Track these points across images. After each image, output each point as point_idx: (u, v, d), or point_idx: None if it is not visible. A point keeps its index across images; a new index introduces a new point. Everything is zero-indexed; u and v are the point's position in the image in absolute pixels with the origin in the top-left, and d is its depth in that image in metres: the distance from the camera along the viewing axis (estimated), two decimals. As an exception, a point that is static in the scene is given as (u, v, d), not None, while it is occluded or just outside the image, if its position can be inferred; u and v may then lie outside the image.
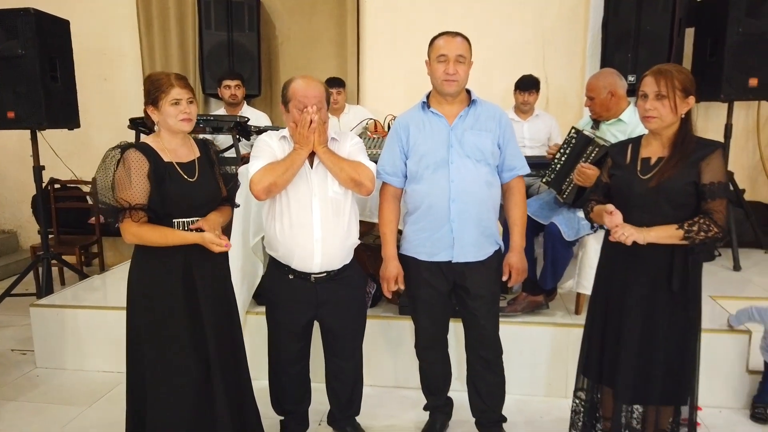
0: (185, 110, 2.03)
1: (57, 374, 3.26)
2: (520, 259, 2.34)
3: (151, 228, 1.98)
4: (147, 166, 1.97)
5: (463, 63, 2.19)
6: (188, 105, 2.04)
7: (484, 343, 2.38)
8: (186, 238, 2.02)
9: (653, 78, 1.97)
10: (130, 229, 1.96)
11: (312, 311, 2.32)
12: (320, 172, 2.22)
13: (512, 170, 2.32)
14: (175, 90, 2.01)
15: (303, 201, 2.21)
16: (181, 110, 2.02)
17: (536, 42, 4.82)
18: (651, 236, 1.92)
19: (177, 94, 2.01)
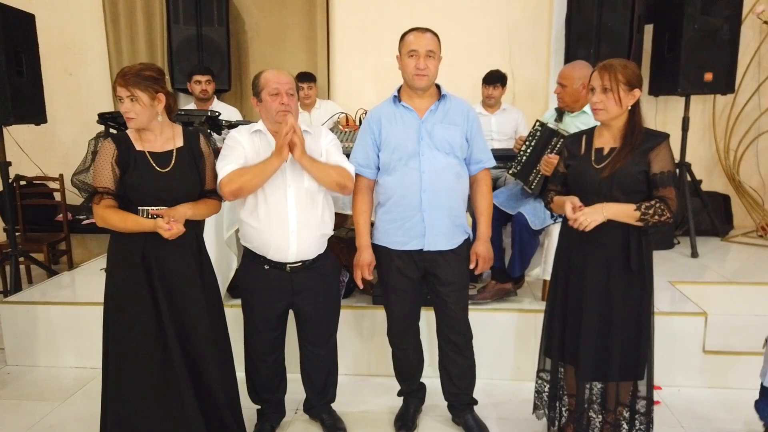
0: (124, 109, 2.07)
1: (29, 371, 3.24)
2: (487, 247, 2.43)
3: (115, 212, 2.07)
4: (114, 154, 2.07)
5: (433, 58, 2.27)
6: (129, 103, 2.05)
7: (455, 328, 2.46)
8: (141, 224, 2.07)
9: (599, 73, 2.09)
10: (96, 211, 2.07)
11: (287, 300, 2.37)
12: (295, 162, 2.26)
13: (479, 163, 2.41)
14: (117, 88, 2.06)
15: (278, 193, 2.26)
16: (122, 109, 2.07)
17: (502, 37, 4.93)
18: (610, 212, 2.03)
19: (118, 93, 2.07)
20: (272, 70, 2.29)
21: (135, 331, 2.13)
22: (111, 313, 2.16)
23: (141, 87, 2.05)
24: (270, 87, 2.22)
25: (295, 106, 2.29)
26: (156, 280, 2.12)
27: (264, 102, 2.25)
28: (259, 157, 2.26)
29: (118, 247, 2.15)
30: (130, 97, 2.05)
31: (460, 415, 2.57)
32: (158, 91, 2.10)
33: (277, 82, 2.22)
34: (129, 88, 2.04)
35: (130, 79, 2.04)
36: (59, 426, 2.69)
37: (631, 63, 2.14)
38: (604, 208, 2.03)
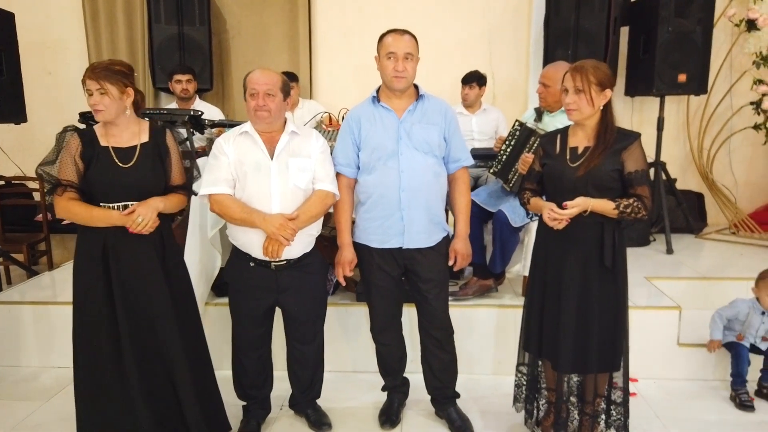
0: (92, 102, 2.08)
1: (11, 371, 3.22)
2: (465, 245, 2.49)
3: (79, 204, 2.10)
4: (78, 148, 2.11)
5: (411, 60, 2.31)
6: (98, 96, 2.07)
7: (436, 324, 2.51)
8: (110, 215, 2.10)
9: (571, 74, 2.16)
10: (59, 203, 2.10)
11: (272, 297, 2.39)
12: (281, 163, 2.28)
13: (457, 161, 2.46)
14: (86, 81, 2.08)
15: (263, 192, 2.27)
16: (90, 103, 2.08)
17: (482, 38, 5.00)
18: (595, 204, 2.11)
19: (87, 86, 2.08)
20: (258, 69, 2.30)
21: (91, 328, 2.17)
22: (74, 309, 2.21)
23: (111, 80, 2.08)
24: (249, 87, 2.25)
25: (278, 106, 2.27)
26: (113, 275, 2.15)
27: (247, 102, 2.28)
28: (245, 159, 2.26)
29: (81, 241, 2.18)
30: (99, 90, 2.07)
31: (443, 408, 2.62)
32: (127, 85, 2.12)
33: (255, 82, 2.24)
34: (99, 81, 2.06)
35: (100, 72, 2.06)
36: (43, 426, 2.69)
37: (603, 64, 2.21)
38: (593, 202, 2.11)
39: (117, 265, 2.16)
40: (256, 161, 2.27)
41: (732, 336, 2.92)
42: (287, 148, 2.31)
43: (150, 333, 2.22)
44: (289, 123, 2.36)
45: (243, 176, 2.27)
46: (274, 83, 2.25)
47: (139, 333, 2.20)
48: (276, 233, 2.20)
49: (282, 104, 2.29)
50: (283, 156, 2.30)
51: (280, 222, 2.21)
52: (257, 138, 2.30)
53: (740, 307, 2.92)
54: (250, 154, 2.28)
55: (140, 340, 2.20)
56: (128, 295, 2.17)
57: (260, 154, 2.28)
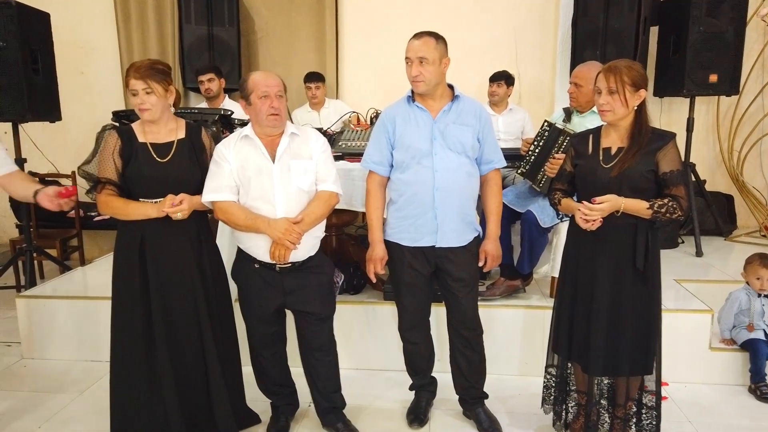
0: (139, 101, 2.14)
1: (45, 364, 3.29)
2: (495, 246, 2.49)
3: (117, 198, 2.18)
4: (117, 146, 2.18)
5: (427, 63, 2.30)
6: (145, 96, 2.13)
7: (465, 323, 2.51)
8: (145, 209, 2.16)
9: (604, 75, 2.14)
10: (99, 198, 2.19)
11: (279, 299, 2.36)
12: (283, 165, 2.26)
13: (490, 163, 2.46)
14: (131, 82, 2.14)
15: (266, 195, 2.25)
16: (135, 102, 2.14)
17: (508, 40, 4.99)
18: (627, 203, 2.09)
19: (132, 86, 2.14)
20: (260, 72, 2.31)
21: (126, 321, 2.23)
22: (113, 302, 2.27)
23: (156, 79, 2.14)
24: (259, 90, 2.22)
25: (285, 108, 2.28)
26: (149, 270, 2.20)
27: (254, 105, 2.24)
28: (247, 164, 2.24)
29: (121, 235, 2.24)
30: (145, 90, 2.13)
31: (471, 408, 2.62)
32: (169, 83, 2.19)
33: (266, 84, 2.21)
34: (145, 80, 2.12)
35: (145, 72, 2.12)
36: (77, 418, 2.75)
37: (636, 64, 2.19)
38: (624, 201, 2.09)
39: (153, 259, 2.21)
40: (257, 165, 2.25)
41: (745, 331, 2.98)
42: (288, 150, 2.29)
43: (182, 328, 2.26)
44: (288, 124, 2.34)
45: (246, 181, 2.25)
46: (280, 85, 2.26)
47: (172, 328, 2.24)
48: (282, 238, 2.19)
49: (286, 106, 2.31)
50: (285, 158, 2.27)
51: (285, 227, 2.20)
52: (258, 142, 2.27)
53: (738, 297, 3.05)
54: (252, 159, 2.26)
55: (173, 334, 2.24)
56: (163, 290, 2.22)
57: (262, 158, 2.26)
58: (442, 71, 2.37)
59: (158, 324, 2.22)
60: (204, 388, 2.33)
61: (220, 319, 2.38)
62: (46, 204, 2.16)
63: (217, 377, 2.31)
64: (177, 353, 2.26)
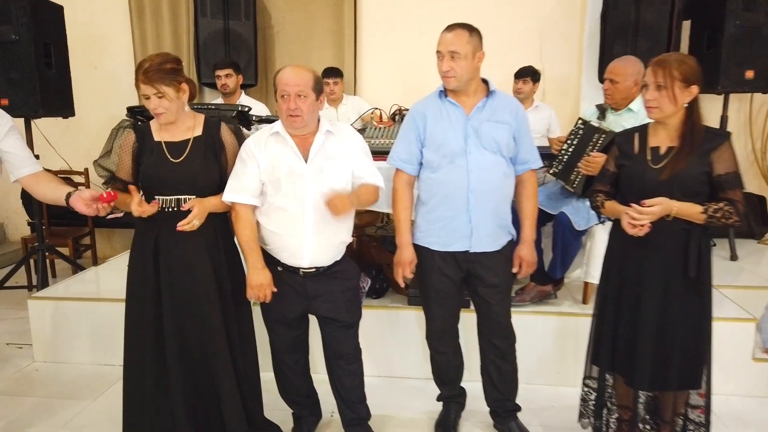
0: (152, 106, 2.03)
1: (57, 368, 3.19)
2: (531, 251, 2.35)
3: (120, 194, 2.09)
4: (132, 144, 2.11)
5: (459, 58, 2.16)
6: (157, 100, 2.02)
7: (498, 332, 2.39)
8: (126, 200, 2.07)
9: (652, 69, 1.99)
10: None
11: (303, 303, 2.26)
12: (316, 166, 2.13)
13: (525, 163, 2.32)
14: (141, 87, 2.03)
15: (296, 197, 2.13)
16: (149, 106, 2.04)
17: (533, 34, 4.83)
18: (680, 208, 1.94)
19: (143, 90, 2.03)
20: (288, 67, 2.14)
21: (139, 325, 2.16)
22: (126, 305, 2.20)
23: (165, 82, 2.02)
24: (280, 89, 2.09)
25: (310, 108, 2.09)
26: (162, 272, 2.12)
27: (278, 104, 2.13)
28: (278, 163, 2.13)
29: (137, 235, 2.18)
30: (156, 94, 2.02)
31: (503, 422, 2.49)
32: (181, 81, 2.07)
33: (285, 83, 2.07)
34: (154, 85, 2.01)
35: (153, 76, 2.00)
36: (91, 426, 2.65)
37: (689, 57, 2.04)
38: (677, 205, 1.94)
39: (166, 262, 2.13)
40: (289, 165, 2.12)
41: None
42: (322, 150, 2.15)
43: (195, 333, 2.17)
44: (323, 121, 2.20)
45: (276, 181, 2.13)
46: (305, 83, 2.07)
47: (184, 333, 2.16)
48: (251, 291, 2.16)
49: (315, 105, 2.11)
50: (319, 159, 2.14)
51: (260, 282, 2.14)
52: (289, 140, 2.14)
53: None
54: (283, 158, 2.13)
55: (184, 339, 2.16)
56: (174, 294, 2.13)
57: (293, 158, 2.13)
58: (475, 66, 2.23)
59: (169, 330, 2.13)
60: (216, 396, 2.22)
61: (239, 324, 2.27)
62: (80, 208, 2.02)
63: (230, 385, 2.20)
64: (188, 359, 2.17)
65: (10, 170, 2.18)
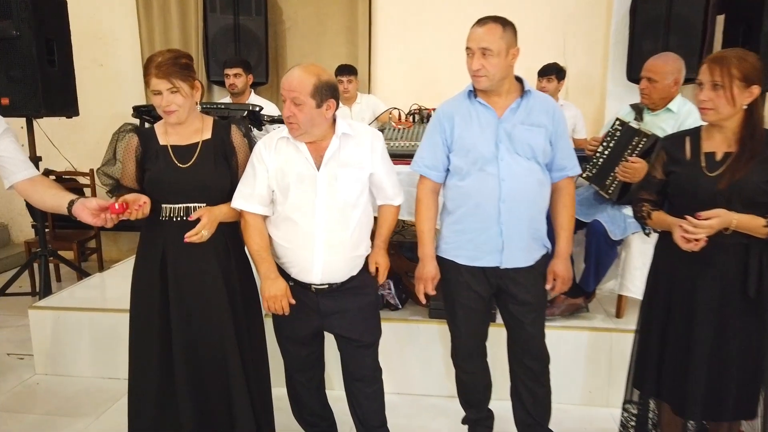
0: (163, 102, 1.88)
1: (59, 382, 3.04)
2: (566, 266, 2.16)
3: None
4: (135, 149, 1.96)
5: (491, 55, 1.96)
6: (170, 96, 1.88)
7: (531, 352, 2.20)
8: None
9: (708, 66, 1.80)
10: None
11: (316, 321, 2.09)
12: (329, 174, 1.95)
13: (562, 170, 2.13)
14: (153, 81, 1.87)
15: (306, 207, 1.96)
16: (159, 103, 1.89)
17: (556, 29, 4.62)
18: (740, 221, 1.75)
19: (155, 85, 1.88)
20: (293, 69, 1.93)
21: (144, 338, 2.03)
22: (131, 316, 2.08)
23: (181, 76, 1.89)
24: (281, 91, 1.92)
25: (307, 116, 1.88)
26: (170, 283, 1.98)
27: None
28: (288, 168, 1.95)
29: (142, 245, 2.06)
30: (171, 89, 1.87)
31: (534, 448, 2.30)
32: (194, 78, 1.95)
33: (282, 86, 1.90)
34: (170, 79, 1.86)
35: (169, 69, 1.86)
36: (92, 446, 2.49)
37: (750, 55, 1.84)
38: (736, 217, 1.74)
39: (175, 273, 1.98)
40: (299, 172, 1.95)
41: None
42: (337, 156, 1.97)
43: (206, 347, 2.03)
44: (340, 123, 2.00)
45: (285, 188, 1.97)
46: (301, 89, 1.85)
47: (194, 346, 2.02)
48: (266, 302, 2.01)
49: (315, 112, 1.89)
50: (332, 165, 1.96)
51: (275, 293, 1.99)
52: (300, 144, 1.96)
53: None
54: (294, 164, 1.96)
55: (194, 354, 2.02)
56: (184, 305, 1.99)
57: (305, 164, 1.96)
58: (509, 64, 2.03)
59: (177, 344, 2.00)
60: (228, 413, 2.08)
61: (250, 337, 2.13)
62: (86, 218, 1.83)
63: (243, 400, 2.05)
64: (196, 376, 2.03)
65: (5, 176, 2.00)
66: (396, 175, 2.13)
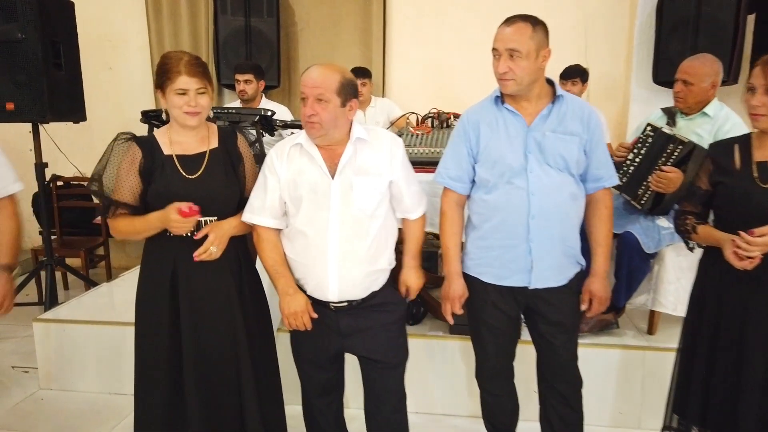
0: (191, 102, 1.77)
1: (64, 398, 2.92)
2: (604, 286, 2.01)
3: (123, 219, 1.83)
4: (139, 161, 1.81)
5: (519, 57, 1.83)
6: (197, 96, 1.78)
7: (562, 376, 2.07)
8: (149, 221, 1.80)
9: (762, 69, 1.67)
10: (111, 223, 1.87)
11: (335, 342, 1.94)
12: (344, 182, 1.82)
13: (598, 180, 1.97)
14: (182, 78, 1.75)
15: (318, 218, 1.82)
16: (186, 102, 1.77)
17: (577, 30, 4.47)
18: None
19: (184, 84, 1.76)
20: (314, 66, 1.81)
21: (151, 353, 1.91)
22: (136, 336, 1.96)
23: (208, 77, 1.81)
24: (300, 89, 1.79)
25: (332, 115, 1.75)
26: (182, 304, 1.86)
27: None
28: (300, 178, 1.83)
29: (147, 259, 1.93)
30: (199, 89, 1.78)
31: (565, 477, 2.16)
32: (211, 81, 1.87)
33: (304, 84, 1.76)
34: (201, 79, 1.77)
35: (199, 69, 1.78)
36: (98, 469, 2.38)
37: None
38: None
39: (188, 292, 1.87)
40: (312, 182, 1.83)
41: None
42: (352, 163, 1.83)
43: (217, 368, 1.91)
44: (356, 127, 1.86)
45: (297, 199, 1.84)
46: (327, 85, 1.75)
47: (205, 363, 1.90)
48: (287, 320, 1.87)
49: (339, 112, 1.78)
50: (347, 173, 1.82)
51: (295, 310, 1.84)
52: (314, 151, 1.84)
53: None
54: (306, 172, 1.84)
55: (205, 371, 1.90)
56: (196, 321, 1.88)
57: (318, 172, 1.83)
58: (539, 66, 1.89)
59: (189, 361, 1.88)
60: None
61: (261, 355, 2.01)
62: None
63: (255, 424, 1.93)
64: (210, 397, 1.92)
65: None
66: (418, 185, 1.99)
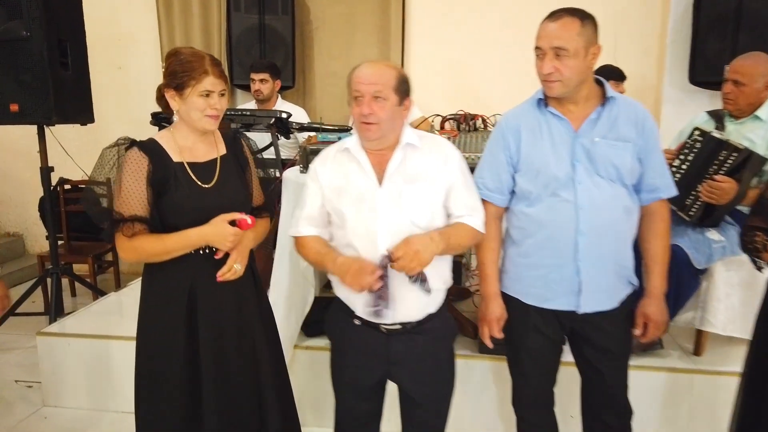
0: (215, 105, 1.65)
1: (68, 416, 2.77)
2: (661, 309, 1.82)
3: (147, 238, 1.64)
4: (147, 170, 1.65)
5: (567, 56, 1.65)
6: (219, 99, 1.67)
7: (610, 406, 1.89)
8: (188, 239, 1.64)
9: None
10: (122, 244, 1.65)
11: (382, 368, 1.77)
12: (392, 190, 1.66)
13: (654, 191, 1.78)
14: (208, 79, 1.63)
15: (368, 230, 1.67)
16: (211, 105, 1.64)
17: (606, 28, 4.19)
18: None
19: (210, 85, 1.63)
20: (366, 63, 1.67)
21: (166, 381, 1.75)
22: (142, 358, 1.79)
23: (227, 78, 1.73)
24: (353, 88, 1.64)
25: (390, 114, 1.62)
26: (201, 322, 1.71)
27: (351, 109, 1.66)
28: (347, 187, 1.69)
29: (157, 276, 1.74)
30: (222, 92, 1.69)
31: None
32: None
33: (359, 81, 1.62)
34: (224, 80, 1.69)
35: (221, 69, 1.69)
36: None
37: None
38: None
39: (208, 311, 1.73)
40: (359, 190, 1.69)
41: None
42: (401, 169, 1.68)
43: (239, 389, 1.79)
44: (407, 131, 1.71)
45: (341, 211, 1.70)
46: (385, 82, 1.62)
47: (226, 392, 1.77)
48: (352, 284, 1.61)
49: (396, 111, 1.65)
50: (396, 180, 1.67)
51: (355, 268, 1.60)
52: (362, 157, 1.69)
53: None
54: (353, 180, 1.70)
55: (226, 398, 1.77)
56: (219, 346, 1.75)
57: (365, 180, 1.69)
58: (588, 65, 1.72)
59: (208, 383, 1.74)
60: None
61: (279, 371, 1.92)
62: None
63: None
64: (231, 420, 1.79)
65: None
66: (479, 201, 1.77)
